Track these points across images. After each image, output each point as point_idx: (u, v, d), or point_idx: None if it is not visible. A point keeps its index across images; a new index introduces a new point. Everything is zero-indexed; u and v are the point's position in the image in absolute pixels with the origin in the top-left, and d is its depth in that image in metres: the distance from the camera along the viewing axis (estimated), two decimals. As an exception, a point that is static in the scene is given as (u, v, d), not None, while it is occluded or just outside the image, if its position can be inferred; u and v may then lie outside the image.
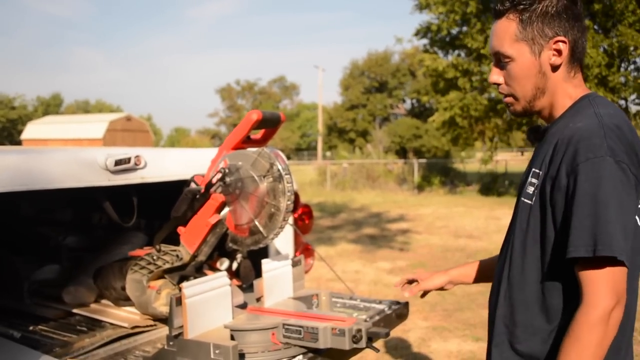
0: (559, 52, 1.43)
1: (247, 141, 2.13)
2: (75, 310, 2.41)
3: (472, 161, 27.92)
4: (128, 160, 1.99)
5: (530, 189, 1.45)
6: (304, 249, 2.93)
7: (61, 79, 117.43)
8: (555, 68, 1.45)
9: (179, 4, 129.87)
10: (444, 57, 17.53)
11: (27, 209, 2.80)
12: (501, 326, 1.50)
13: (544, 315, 1.41)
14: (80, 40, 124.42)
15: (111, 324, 2.27)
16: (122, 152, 2.00)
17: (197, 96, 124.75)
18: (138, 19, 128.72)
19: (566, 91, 1.47)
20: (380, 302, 2.47)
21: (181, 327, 1.73)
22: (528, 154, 42.04)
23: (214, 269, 2.84)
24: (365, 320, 2.22)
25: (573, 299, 1.34)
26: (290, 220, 2.90)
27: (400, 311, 2.42)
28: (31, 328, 2.26)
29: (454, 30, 16.79)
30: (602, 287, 1.26)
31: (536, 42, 1.43)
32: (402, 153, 35.77)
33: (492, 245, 9.17)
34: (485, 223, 11.88)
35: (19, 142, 37.87)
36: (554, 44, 1.42)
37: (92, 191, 2.10)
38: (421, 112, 39.90)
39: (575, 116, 1.42)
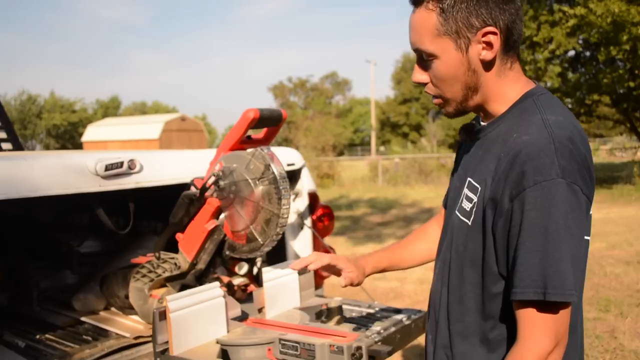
0: (489, 44, 1.20)
1: (247, 141, 2.00)
2: (83, 319, 2.36)
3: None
4: (120, 164, 1.90)
5: (467, 205, 1.26)
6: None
7: (119, 82, 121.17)
8: (487, 63, 1.22)
9: (231, 5, 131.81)
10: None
11: (42, 214, 2.77)
12: (442, 355, 1.34)
13: (485, 347, 1.26)
14: (138, 43, 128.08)
15: (117, 333, 2.20)
16: (114, 156, 1.92)
17: (250, 94, 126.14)
18: (193, 21, 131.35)
19: (502, 88, 1.26)
20: (399, 311, 2.30)
21: (166, 342, 1.62)
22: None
23: (233, 274, 2.74)
24: (379, 333, 2.06)
25: (513, 334, 1.19)
26: (309, 222, 2.77)
27: (420, 321, 2.25)
28: (38, 337, 2.21)
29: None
30: (542, 329, 1.11)
31: (461, 36, 1.20)
32: (456, 146, 35.06)
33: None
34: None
35: (80, 144, 39.26)
36: (483, 36, 1.19)
37: (97, 196, 2.02)
38: (476, 104, 38.95)
39: (519, 123, 1.21)
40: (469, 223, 1.25)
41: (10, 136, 3.90)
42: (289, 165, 2.61)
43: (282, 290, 1.99)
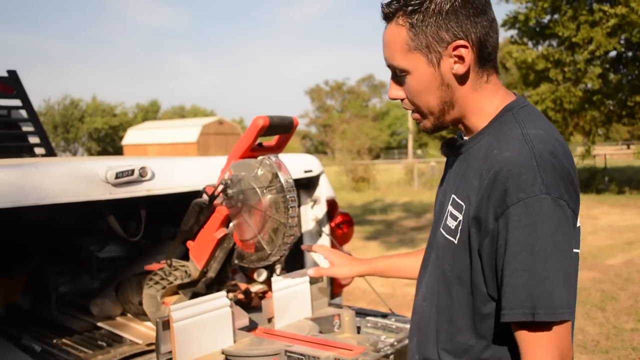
0: (460, 58, 1.17)
1: (258, 149, 1.98)
2: (100, 324, 2.37)
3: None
4: (131, 172, 1.90)
5: (452, 223, 1.23)
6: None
7: (159, 86, 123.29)
8: (460, 77, 1.19)
9: (269, 9, 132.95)
10: (534, 48, 16.65)
11: (63, 219, 2.80)
12: None
13: None
14: (177, 48, 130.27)
15: (130, 340, 2.20)
16: (125, 163, 1.92)
17: (287, 98, 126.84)
18: (231, 26, 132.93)
19: (480, 102, 1.23)
20: (416, 322, 2.25)
21: (169, 352, 1.61)
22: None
23: (252, 281, 2.73)
24: (392, 345, 2.02)
25: (506, 354, 1.18)
26: (327, 229, 2.73)
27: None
28: (54, 341, 2.24)
29: (544, 19, 15.89)
30: (544, 350, 1.07)
31: (432, 50, 1.17)
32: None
33: (586, 247, 8.51)
34: (579, 223, 11.08)
35: (120, 148, 40.07)
36: (454, 50, 1.16)
37: (110, 204, 2.02)
38: (515, 107, 38.32)
39: (499, 138, 1.18)
40: (455, 242, 1.22)
41: (44, 142, 3.99)
42: (306, 172, 2.58)
43: (292, 299, 1.96)
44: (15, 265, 2.78)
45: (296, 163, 2.57)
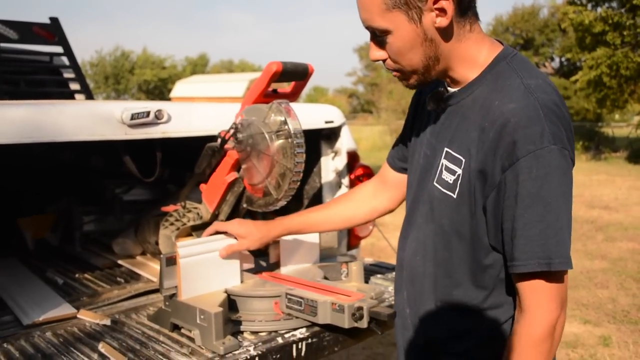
0: (442, 11, 1.12)
1: (272, 95, 1.98)
2: (120, 262, 2.46)
3: (626, 126, 25.56)
4: (147, 114, 1.92)
5: (449, 177, 1.22)
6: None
7: (208, 40, 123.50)
8: (443, 30, 1.15)
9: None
10: (593, 9, 15.90)
11: (95, 162, 2.88)
12: (431, 327, 1.33)
13: (474, 318, 1.26)
14: (230, 2, 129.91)
15: (147, 278, 2.28)
16: (141, 105, 1.94)
17: (336, 55, 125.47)
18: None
19: (466, 52, 1.20)
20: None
21: (172, 287, 1.66)
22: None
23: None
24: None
25: (507, 300, 1.23)
26: (346, 181, 2.73)
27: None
28: (76, 275, 2.34)
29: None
30: (548, 298, 1.11)
31: (412, 6, 1.12)
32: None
33: (629, 218, 8.28)
34: (627, 194, 10.76)
35: (168, 100, 40.59)
36: (434, 3, 1.11)
37: (145, 143, 2.06)
38: (570, 71, 36.95)
39: (498, 89, 1.16)
40: (454, 196, 1.21)
41: (83, 88, 4.09)
42: (327, 122, 2.56)
43: (300, 246, 1.98)
44: (48, 202, 2.90)
45: (317, 113, 2.56)
